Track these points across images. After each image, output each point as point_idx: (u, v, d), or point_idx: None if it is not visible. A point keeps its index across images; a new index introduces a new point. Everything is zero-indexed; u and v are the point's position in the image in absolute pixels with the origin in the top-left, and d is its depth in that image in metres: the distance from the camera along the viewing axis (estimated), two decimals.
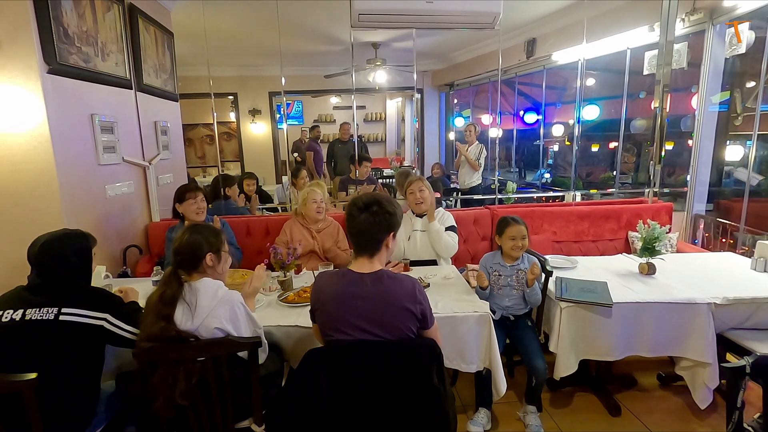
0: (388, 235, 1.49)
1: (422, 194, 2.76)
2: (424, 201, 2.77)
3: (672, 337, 2.15)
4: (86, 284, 1.64)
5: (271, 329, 1.86)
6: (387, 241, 1.49)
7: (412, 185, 2.79)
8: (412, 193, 2.77)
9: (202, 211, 2.70)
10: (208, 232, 1.65)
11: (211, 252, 1.59)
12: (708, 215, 3.57)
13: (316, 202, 2.77)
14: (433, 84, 8.17)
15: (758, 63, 2.97)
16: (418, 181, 2.79)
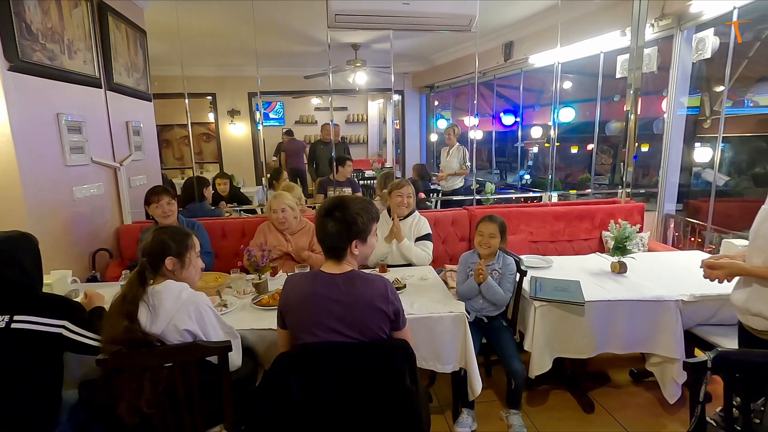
0: (350, 243, 1.43)
1: (409, 200, 2.79)
2: (408, 206, 2.80)
3: (642, 334, 2.20)
4: (41, 290, 1.58)
5: (245, 332, 1.83)
6: (351, 249, 1.44)
7: (401, 189, 2.79)
8: (400, 197, 2.78)
9: (168, 215, 2.60)
10: (178, 235, 1.60)
11: (171, 256, 1.55)
12: (678, 215, 3.67)
13: (276, 212, 2.70)
14: (414, 86, 8.20)
15: (724, 68, 3.08)
16: (407, 186, 2.81)
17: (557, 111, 4.33)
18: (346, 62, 5.82)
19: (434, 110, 8.43)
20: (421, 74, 7.79)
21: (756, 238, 1.49)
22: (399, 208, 2.78)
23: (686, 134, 3.77)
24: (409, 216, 2.83)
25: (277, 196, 2.78)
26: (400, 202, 2.77)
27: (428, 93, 8.23)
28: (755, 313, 1.47)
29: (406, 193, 2.78)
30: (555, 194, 4.21)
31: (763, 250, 1.44)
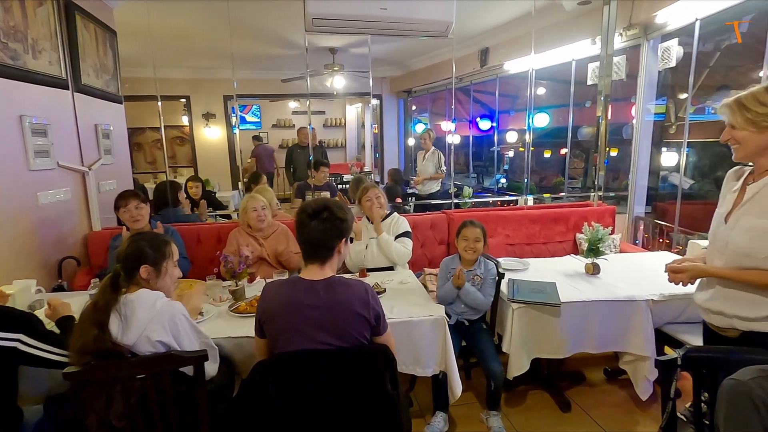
0: (341, 241, 1.46)
1: (379, 200, 2.78)
2: (381, 206, 2.79)
3: (615, 333, 2.26)
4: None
5: (221, 341, 1.78)
6: (339, 247, 1.47)
7: (368, 192, 2.80)
8: (369, 200, 2.78)
9: (137, 219, 2.51)
10: (157, 242, 1.55)
11: (147, 264, 1.49)
12: (647, 217, 3.81)
13: (256, 210, 2.69)
14: (392, 90, 8.25)
15: (687, 76, 3.22)
16: (373, 189, 2.82)
17: (532, 116, 4.44)
18: (324, 66, 5.80)
19: (412, 115, 8.49)
20: (399, 79, 7.85)
21: (714, 241, 1.54)
22: (373, 211, 2.78)
23: (653, 139, 3.92)
24: (387, 217, 2.84)
25: (252, 196, 2.77)
26: (370, 205, 2.78)
27: (406, 98, 8.29)
28: (716, 312, 1.52)
29: (374, 195, 2.78)
30: (531, 198, 4.30)
31: (722, 252, 1.49)
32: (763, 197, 1.40)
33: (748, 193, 1.45)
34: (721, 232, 1.50)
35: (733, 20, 3.48)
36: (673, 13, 3.08)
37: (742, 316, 1.45)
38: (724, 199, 1.55)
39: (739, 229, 1.44)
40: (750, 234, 1.41)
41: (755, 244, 1.40)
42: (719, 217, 1.53)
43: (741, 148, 1.44)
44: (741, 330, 1.47)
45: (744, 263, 1.43)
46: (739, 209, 1.46)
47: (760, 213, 1.40)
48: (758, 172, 1.46)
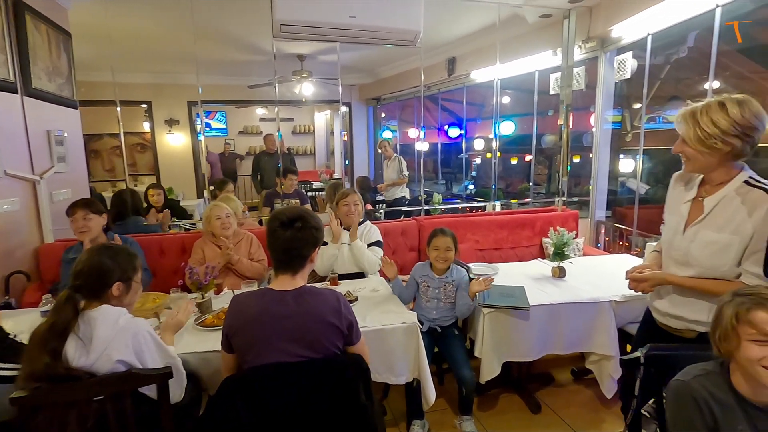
0: (314, 249, 1.45)
1: (356, 207, 2.78)
2: (357, 213, 2.79)
3: (581, 334, 2.34)
4: None
5: (187, 357, 1.71)
6: (312, 256, 1.45)
7: (347, 198, 2.78)
8: (347, 206, 2.77)
9: (84, 231, 2.35)
10: (122, 255, 1.46)
11: (120, 281, 1.42)
12: (608, 221, 3.97)
13: (220, 218, 2.63)
14: (361, 98, 8.27)
15: (641, 87, 3.40)
16: (353, 195, 2.81)
17: (498, 124, 4.55)
18: (292, 73, 5.74)
19: (381, 122, 8.54)
20: (368, 86, 7.88)
21: (670, 249, 1.57)
22: (347, 217, 2.78)
23: (611, 147, 4.10)
24: (360, 224, 2.83)
25: (216, 204, 2.71)
26: (347, 210, 2.77)
27: (375, 105, 8.32)
28: (676, 316, 1.57)
29: (353, 201, 2.78)
30: (498, 203, 4.40)
31: (682, 263, 1.52)
32: (720, 211, 1.42)
33: (707, 207, 1.45)
34: (679, 242, 1.52)
35: (679, 35, 3.72)
36: (627, 27, 3.25)
37: (702, 320, 1.48)
38: (677, 208, 1.57)
39: (699, 242, 1.46)
40: (711, 248, 1.43)
41: (716, 258, 1.42)
42: (675, 225, 1.55)
43: (690, 163, 1.45)
44: (698, 331, 1.51)
45: (704, 274, 1.47)
46: (697, 223, 1.47)
47: (719, 228, 1.41)
48: (712, 184, 1.46)
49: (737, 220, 1.38)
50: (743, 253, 1.38)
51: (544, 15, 3.67)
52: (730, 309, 1.10)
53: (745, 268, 1.38)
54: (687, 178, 1.57)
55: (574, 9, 3.52)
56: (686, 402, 1.14)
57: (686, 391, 1.15)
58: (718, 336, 1.13)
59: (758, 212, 1.34)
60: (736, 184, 1.40)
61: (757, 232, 1.34)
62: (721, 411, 1.11)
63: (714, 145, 1.35)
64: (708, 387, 1.13)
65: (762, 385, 1.05)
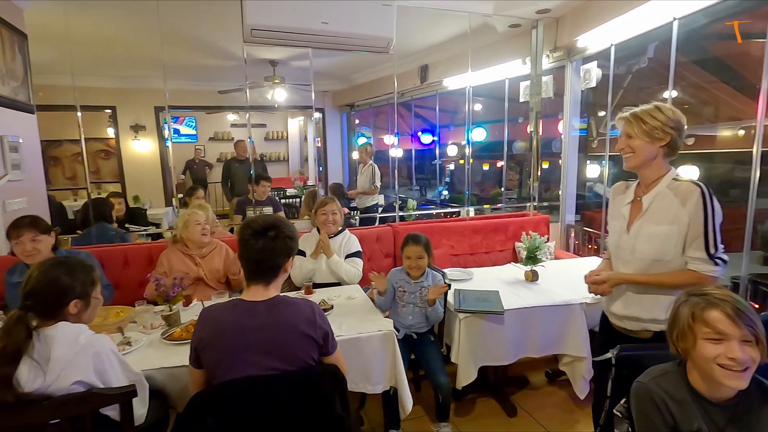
0: (288, 259, 1.41)
1: (335, 217, 2.74)
2: (336, 223, 2.75)
3: (554, 336, 2.38)
4: None
5: (153, 373, 1.63)
6: (286, 266, 1.41)
7: (326, 206, 2.75)
8: (325, 215, 2.73)
9: (32, 254, 2.08)
10: (79, 270, 1.37)
11: (79, 298, 1.33)
12: (577, 225, 4.09)
13: (200, 224, 2.54)
14: (334, 104, 8.24)
15: (605, 96, 3.53)
16: (332, 203, 2.77)
17: (470, 131, 4.62)
18: (264, 78, 5.66)
19: (355, 128, 8.53)
20: (341, 93, 7.87)
21: (618, 250, 1.69)
22: (326, 226, 2.74)
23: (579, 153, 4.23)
24: (338, 234, 2.79)
25: (194, 210, 2.62)
26: (325, 219, 2.73)
27: (349, 111, 8.32)
28: (632, 317, 1.66)
29: (331, 210, 2.74)
30: (472, 209, 4.45)
31: (629, 260, 1.64)
32: (657, 206, 1.57)
33: (645, 203, 1.59)
34: (625, 241, 1.64)
35: (640, 46, 3.89)
36: (592, 38, 3.37)
37: (658, 319, 1.58)
38: (618, 212, 1.70)
39: (643, 237, 1.58)
40: (654, 240, 1.56)
41: (660, 248, 1.55)
42: (619, 228, 1.68)
43: (633, 157, 1.60)
44: (654, 331, 1.62)
45: (653, 268, 1.58)
46: (639, 219, 1.61)
47: (658, 220, 1.56)
48: (646, 184, 1.63)
49: (673, 211, 1.53)
50: (684, 242, 1.52)
51: (513, 25, 3.77)
52: (686, 309, 1.14)
53: (689, 255, 1.52)
54: (623, 188, 1.75)
55: (542, 20, 3.63)
56: (646, 403, 1.18)
57: (645, 392, 1.18)
58: (676, 336, 1.17)
59: (690, 201, 1.49)
60: (667, 181, 1.58)
61: (693, 220, 1.49)
62: (679, 409, 1.14)
63: (656, 135, 1.54)
64: (665, 387, 1.17)
65: (717, 382, 1.09)
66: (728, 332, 1.07)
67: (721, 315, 1.08)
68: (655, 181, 1.60)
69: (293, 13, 2.73)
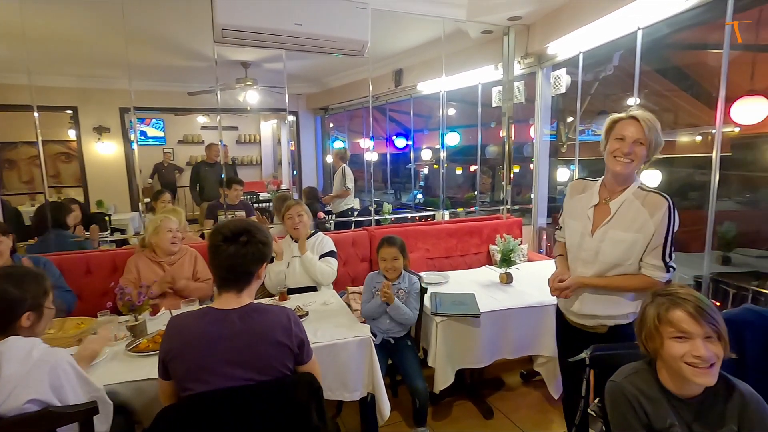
0: (261, 265, 1.36)
1: (301, 219, 2.69)
2: (303, 225, 2.69)
3: (529, 337, 2.41)
4: None
5: (116, 388, 1.54)
6: (259, 273, 1.36)
7: (290, 210, 2.70)
8: (291, 218, 2.68)
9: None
10: (29, 280, 1.29)
11: (30, 310, 1.25)
12: (548, 227, 4.18)
13: (171, 230, 2.45)
14: (308, 107, 8.16)
15: (575, 102, 3.63)
16: (297, 206, 2.72)
17: (444, 135, 4.67)
18: (236, 80, 5.54)
19: (330, 132, 8.48)
20: (316, 96, 7.80)
21: (579, 251, 1.73)
22: (295, 230, 2.69)
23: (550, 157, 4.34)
24: (311, 236, 2.75)
25: (167, 216, 2.51)
26: (292, 223, 2.68)
27: (323, 115, 8.25)
28: (590, 315, 1.73)
29: (296, 213, 2.69)
30: (447, 212, 4.49)
31: (590, 262, 1.68)
32: (624, 213, 1.61)
33: (612, 208, 1.63)
34: (588, 243, 1.68)
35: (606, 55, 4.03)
36: (561, 45, 3.47)
37: (613, 314, 1.68)
38: (581, 213, 1.72)
39: (609, 242, 1.63)
40: (620, 246, 1.61)
41: (625, 254, 1.61)
42: (582, 229, 1.71)
43: (631, 165, 1.58)
44: (608, 326, 1.70)
45: (612, 271, 1.65)
46: (605, 224, 1.64)
47: (626, 227, 1.60)
48: (614, 189, 1.65)
49: (640, 220, 1.58)
50: (645, 249, 1.59)
51: (486, 31, 3.83)
52: (652, 310, 1.18)
53: (646, 261, 1.59)
54: (581, 187, 1.78)
55: (513, 26, 3.71)
56: (620, 401, 1.20)
57: (618, 390, 1.21)
58: (644, 336, 1.20)
59: (658, 214, 1.55)
60: (633, 189, 1.63)
61: (657, 231, 1.56)
62: (651, 406, 1.17)
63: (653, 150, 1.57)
64: (638, 385, 1.20)
65: (686, 379, 1.13)
66: (692, 331, 1.11)
67: (684, 314, 1.12)
68: (624, 188, 1.63)
69: (265, 13, 2.68)
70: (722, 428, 1.15)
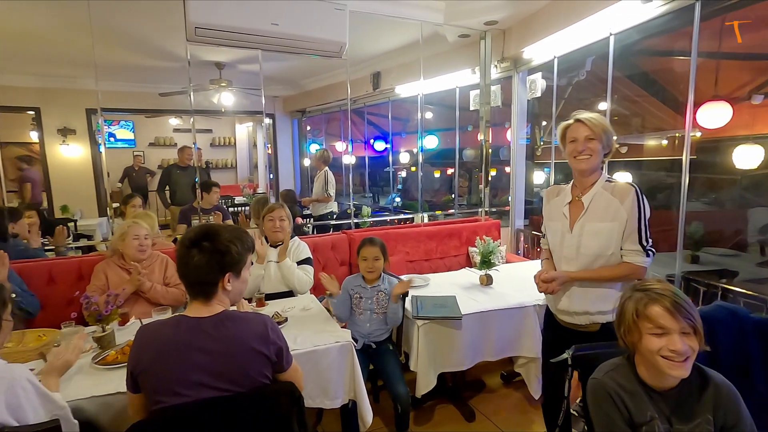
0: (224, 276, 1.25)
1: (282, 223, 2.63)
2: (283, 230, 2.63)
3: (510, 338, 2.42)
4: None
5: (82, 404, 1.45)
6: (223, 283, 1.25)
7: (273, 212, 2.63)
8: (272, 220, 2.62)
9: None
10: None
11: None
12: (526, 229, 4.24)
13: (138, 238, 2.34)
14: (285, 110, 8.06)
15: (549, 106, 3.71)
16: (280, 210, 2.65)
17: (422, 138, 4.68)
18: (210, 81, 5.40)
19: (307, 135, 8.39)
20: (292, 98, 7.71)
21: (561, 249, 1.77)
22: (273, 234, 2.62)
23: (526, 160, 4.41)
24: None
25: (135, 222, 2.41)
26: (272, 226, 2.62)
27: (300, 117, 8.17)
28: (581, 313, 1.74)
29: (278, 216, 2.63)
30: (426, 215, 4.49)
31: (572, 257, 1.73)
32: (597, 204, 1.68)
33: (585, 202, 1.70)
34: (569, 240, 1.74)
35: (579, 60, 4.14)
36: (537, 50, 3.53)
37: (603, 310, 1.70)
38: (558, 213, 1.79)
39: (587, 234, 1.69)
40: (599, 236, 1.67)
41: (605, 243, 1.66)
42: (561, 228, 1.77)
43: (590, 160, 1.68)
44: (601, 323, 1.72)
45: (596, 263, 1.69)
46: (581, 218, 1.70)
47: (600, 218, 1.67)
48: (584, 186, 1.73)
49: (613, 208, 1.65)
50: (623, 237, 1.65)
51: (463, 35, 3.87)
52: (631, 305, 1.21)
53: (626, 248, 1.65)
54: (556, 191, 1.85)
55: (490, 31, 3.75)
56: (602, 398, 1.22)
57: (600, 387, 1.24)
58: (623, 331, 1.23)
59: (627, 200, 1.63)
60: (601, 183, 1.71)
61: (630, 216, 1.63)
62: (631, 400, 1.20)
63: (604, 139, 1.67)
64: (618, 380, 1.22)
65: (662, 372, 1.16)
66: (669, 326, 1.14)
67: (662, 310, 1.15)
68: (592, 183, 1.72)
69: (241, 12, 2.61)
70: (699, 418, 1.17)
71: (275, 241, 2.65)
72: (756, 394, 1.45)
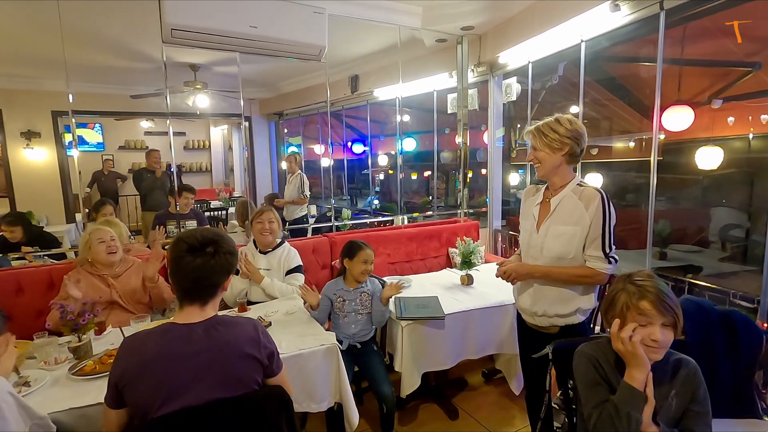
0: (228, 277, 1.29)
1: (271, 226, 2.61)
2: (272, 233, 2.61)
3: (491, 336, 2.47)
4: None
5: (59, 416, 1.40)
6: (225, 284, 1.30)
7: (262, 215, 2.61)
8: (261, 223, 2.59)
9: None
10: None
11: None
12: (503, 229, 4.33)
13: (104, 241, 2.29)
14: (262, 112, 7.96)
15: (524, 109, 3.81)
16: (269, 212, 2.63)
17: (401, 141, 4.72)
18: (184, 83, 5.29)
19: (284, 138, 8.32)
20: (269, 101, 7.63)
21: (528, 248, 1.83)
22: (262, 237, 2.60)
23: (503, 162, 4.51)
24: (278, 248, 2.66)
25: (97, 227, 2.36)
26: (261, 228, 2.59)
27: (277, 120, 8.09)
28: (541, 315, 1.80)
29: (267, 219, 2.61)
30: (405, 217, 4.53)
31: (536, 257, 1.79)
32: (563, 208, 1.73)
33: (552, 205, 1.75)
34: (535, 240, 1.79)
35: (552, 65, 4.27)
36: (512, 55, 3.63)
37: (561, 313, 1.76)
38: (529, 212, 1.86)
39: (551, 235, 1.73)
40: (560, 239, 1.71)
41: (566, 247, 1.70)
42: (530, 227, 1.83)
43: (541, 167, 1.75)
44: (560, 326, 1.78)
45: (558, 264, 1.74)
46: (547, 220, 1.75)
47: (564, 221, 1.71)
48: (554, 188, 1.78)
49: (577, 213, 1.68)
50: (585, 242, 1.68)
51: (440, 39, 3.93)
52: (624, 297, 1.29)
53: (588, 253, 1.69)
54: (533, 191, 1.90)
55: (466, 36, 3.83)
56: (582, 361, 1.36)
57: (581, 353, 1.37)
58: (611, 316, 1.32)
59: (592, 206, 1.66)
60: (572, 186, 1.74)
61: (593, 222, 1.66)
62: (610, 371, 1.32)
63: (555, 146, 1.71)
64: (596, 350, 1.36)
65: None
66: (653, 319, 1.24)
67: (650, 305, 1.25)
68: (562, 186, 1.76)
69: (219, 14, 2.58)
70: (666, 395, 1.29)
71: (265, 245, 2.62)
72: (719, 382, 1.55)
